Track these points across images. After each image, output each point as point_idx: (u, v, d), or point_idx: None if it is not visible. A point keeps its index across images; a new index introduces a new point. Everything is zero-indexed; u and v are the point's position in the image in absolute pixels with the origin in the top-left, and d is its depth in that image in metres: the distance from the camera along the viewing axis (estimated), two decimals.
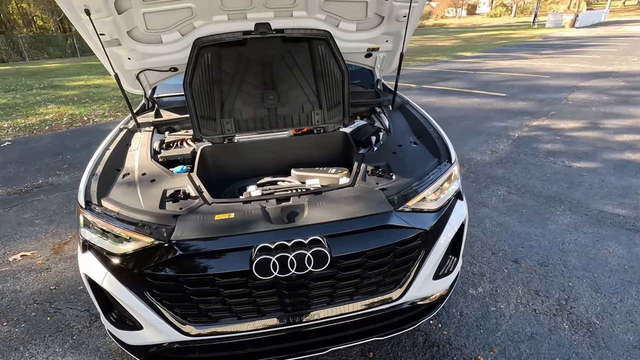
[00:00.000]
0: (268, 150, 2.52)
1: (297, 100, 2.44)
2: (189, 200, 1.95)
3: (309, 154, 2.58)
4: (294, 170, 2.42)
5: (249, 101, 2.39)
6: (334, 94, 2.45)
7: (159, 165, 2.23)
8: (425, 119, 2.68)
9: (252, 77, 2.32)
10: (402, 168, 2.16)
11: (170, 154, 2.38)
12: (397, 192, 1.97)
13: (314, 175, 2.36)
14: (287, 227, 1.72)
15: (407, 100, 3.07)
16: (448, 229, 2.03)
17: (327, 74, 2.38)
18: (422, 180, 2.05)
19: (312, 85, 2.42)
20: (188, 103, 2.27)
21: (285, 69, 2.34)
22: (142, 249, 1.73)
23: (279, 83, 2.37)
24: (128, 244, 1.78)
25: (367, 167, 2.17)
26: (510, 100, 8.50)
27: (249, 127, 2.46)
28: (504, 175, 4.71)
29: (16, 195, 4.91)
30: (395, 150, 2.34)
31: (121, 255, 1.76)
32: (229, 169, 2.52)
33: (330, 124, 2.54)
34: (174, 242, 1.67)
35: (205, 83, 2.27)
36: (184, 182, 2.08)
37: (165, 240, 1.69)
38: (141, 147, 2.48)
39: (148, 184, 2.08)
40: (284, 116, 2.48)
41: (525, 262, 3.10)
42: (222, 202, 1.93)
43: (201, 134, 2.39)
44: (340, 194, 1.96)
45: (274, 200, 1.94)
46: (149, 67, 2.66)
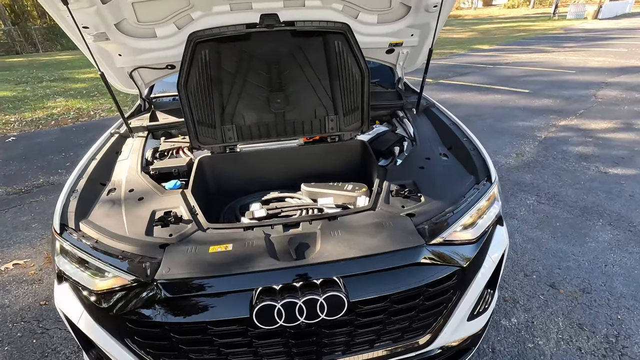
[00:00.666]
0: (275, 161, 2.21)
1: (309, 104, 2.12)
2: (180, 225, 1.65)
3: (322, 166, 2.26)
4: (304, 186, 2.11)
5: (253, 105, 2.07)
6: (352, 97, 2.11)
7: (149, 180, 1.94)
8: (456, 126, 2.33)
9: (256, 78, 2.00)
10: (431, 187, 1.83)
11: (163, 165, 2.09)
12: (428, 219, 1.64)
13: (328, 192, 2.04)
14: (295, 265, 1.42)
15: (432, 103, 2.71)
16: (487, 262, 1.69)
17: (344, 73, 2.05)
18: (457, 204, 1.71)
19: (326, 87, 2.09)
20: (183, 107, 1.97)
21: (295, 67, 2.01)
22: (121, 288, 1.45)
23: (288, 84, 2.04)
24: (107, 280, 1.49)
25: (390, 186, 1.84)
26: (534, 97, 8.00)
27: (252, 134, 2.15)
28: (532, 182, 4.32)
29: (15, 196, 4.72)
30: (422, 165, 2.00)
31: (99, 293, 1.49)
32: (230, 182, 2.21)
33: (347, 131, 2.21)
34: (158, 281, 1.38)
35: (203, 84, 1.96)
36: (176, 201, 1.79)
37: (148, 279, 1.40)
38: (132, 156, 2.19)
39: (135, 203, 1.79)
40: (293, 122, 2.16)
41: (564, 287, 2.74)
42: (219, 228, 1.64)
43: (199, 142, 2.09)
44: (359, 220, 1.64)
45: (281, 226, 1.63)
46: (142, 64, 2.36)
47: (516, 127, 6.17)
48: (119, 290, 1.45)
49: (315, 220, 1.67)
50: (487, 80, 9.85)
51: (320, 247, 1.48)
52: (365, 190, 2.00)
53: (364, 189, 2.01)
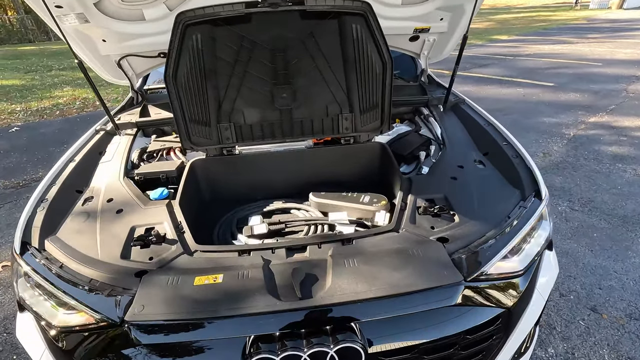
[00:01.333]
0: (279, 165, 1.91)
1: (320, 100, 1.80)
2: (163, 246, 1.37)
3: (334, 172, 1.95)
4: (313, 195, 1.80)
5: (255, 100, 1.77)
6: (371, 92, 1.79)
7: (132, 188, 1.66)
8: (493, 127, 1.99)
9: (258, 68, 1.69)
10: (467, 203, 1.51)
11: (150, 170, 1.80)
12: (465, 246, 1.33)
13: (341, 204, 1.73)
14: (300, 306, 1.12)
15: (462, 98, 2.36)
16: (537, 298, 1.38)
17: (362, 64, 1.72)
18: (500, 227, 1.39)
19: (340, 80, 1.77)
20: (172, 103, 1.67)
21: (305, 57, 1.69)
22: (85, 327, 1.18)
23: (296, 76, 1.73)
24: (71, 315, 1.23)
25: (416, 200, 1.53)
26: (560, 91, 7.50)
27: (254, 134, 1.85)
28: (563, 186, 3.94)
29: (12, 190, 4.53)
30: (454, 174, 1.67)
31: (61, 330, 1.22)
32: (227, 189, 1.92)
33: (363, 132, 1.89)
34: (129, 323, 1.10)
35: (195, 76, 1.66)
36: (160, 215, 1.50)
37: (117, 320, 1.12)
38: (115, 157, 1.91)
39: (112, 216, 1.52)
40: (301, 121, 1.85)
41: (607, 311, 2.40)
42: (209, 251, 1.35)
43: (191, 143, 1.79)
44: (379, 245, 1.34)
45: (283, 250, 1.34)
46: (131, 51, 2.06)
47: (542, 123, 5.74)
48: (83, 330, 1.18)
49: (326, 244, 1.37)
50: (508, 72, 9.33)
51: (331, 282, 1.18)
52: (385, 203, 1.69)
53: (383, 201, 1.70)
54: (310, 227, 1.68)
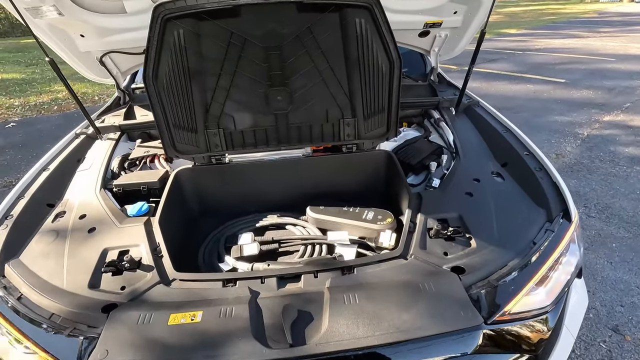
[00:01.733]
0: (273, 176, 1.72)
1: (319, 104, 1.61)
2: (138, 274, 1.20)
3: (334, 183, 1.76)
4: (310, 210, 1.62)
5: (246, 104, 1.58)
6: (376, 94, 1.60)
7: (107, 202, 1.49)
8: (511, 133, 1.79)
9: (250, 69, 1.51)
10: (485, 225, 1.33)
11: (129, 180, 1.63)
12: (484, 278, 1.15)
13: (341, 221, 1.55)
14: (290, 356, 0.95)
15: (476, 100, 2.16)
16: (565, 338, 1.20)
17: (366, 63, 1.53)
18: (524, 254, 1.21)
19: (342, 81, 1.57)
20: (153, 107, 1.49)
21: (302, 55, 1.50)
22: None
23: (292, 77, 1.54)
24: (29, 356, 1.06)
25: (427, 221, 1.34)
26: (572, 87, 7.23)
27: (246, 141, 1.67)
28: (577, 190, 3.73)
29: (4, 190, 4.39)
30: (470, 190, 1.48)
31: None
32: (215, 202, 1.74)
33: (367, 139, 1.70)
34: None
35: (179, 76, 1.47)
36: (137, 235, 1.33)
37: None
38: (94, 165, 1.73)
39: (84, 236, 1.35)
40: (298, 127, 1.66)
41: (630, 331, 2.21)
42: (189, 280, 1.18)
43: (176, 151, 1.61)
44: (384, 276, 1.17)
45: (274, 280, 1.17)
46: (114, 48, 1.88)
47: (554, 122, 5.50)
48: None
49: (323, 272, 1.19)
50: (517, 68, 9.04)
51: (328, 324, 1.01)
52: (391, 221, 1.51)
53: (389, 219, 1.52)
54: (307, 247, 1.50)
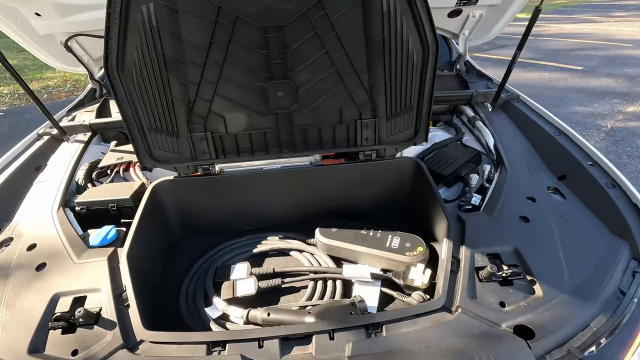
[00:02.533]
0: (274, 189, 1.40)
1: (332, 101, 1.28)
2: (95, 331, 0.91)
3: (348, 199, 1.44)
4: (320, 234, 1.31)
5: (240, 101, 1.25)
6: (404, 88, 1.26)
7: (66, 226, 1.18)
8: (567, 138, 1.46)
9: (244, 56, 1.17)
10: (551, 263, 1.02)
11: (95, 197, 1.31)
12: (561, 345, 0.84)
13: (359, 250, 1.24)
14: None
15: (515, 94, 1.82)
16: None
17: (393, 49, 1.19)
18: (612, 307, 0.90)
19: (361, 72, 1.24)
20: (121, 106, 1.16)
21: (311, 38, 1.16)
22: None
23: (298, 67, 1.20)
24: None
25: (473, 257, 1.03)
26: (590, 75, 6.82)
27: (240, 148, 1.34)
28: None
29: None
30: (525, 212, 1.17)
31: None
32: (203, 221, 1.43)
33: (390, 144, 1.37)
34: None
35: (152, 66, 1.14)
36: (98, 275, 1.03)
37: None
38: (55, 176, 1.41)
39: (30, 275, 1.04)
40: (304, 129, 1.33)
41: None
42: (162, 343, 0.88)
43: (153, 159, 1.29)
44: (423, 339, 0.86)
45: (276, 343, 0.87)
46: (79, 30, 1.53)
47: (574, 113, 5.14)
48: None
49: (340, 332, 0.89)
50: (530, 54, 8.59)
51: None
52: (423, 251, 1.19)
53: (420, 248, 1.20)
54: (317, 283, 1.19)
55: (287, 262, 1.33)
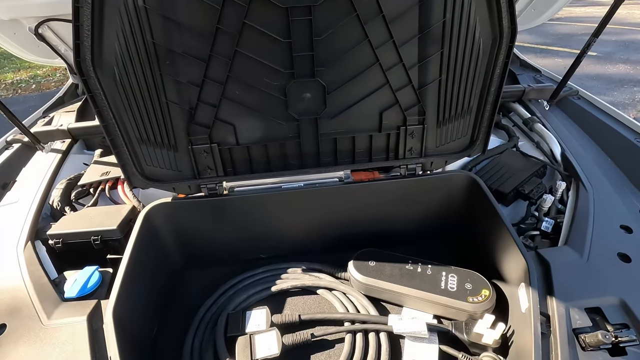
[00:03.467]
0: (295, 212, 1.13)
1: (370, 103, 1.00)
2: None
3: (387, 223, 1.18)
4: (354, 268, 1.05)
5: (255, 105, 0.97)
6: (463, 87, 0.99)
7: (34, 268, 0.92)
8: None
9: (259, 46, 0.88)
10: None
11: (73, 227, 1.04)
12: None
13: (407, 292, 0.98)
14: None
15: (574, 90, 1.55)
16: None
17: (455, 36, 0.91)
18: None
19: (410, 67, 0.96)
20: (100, 112, 0.89)
21: (350, 23, 0.88)
22: None
23: (331, 61, 0.92)
24: None
25: (569, 314, 0.78)
26: (606, 61, 6.52)
27: (253, 162, 1.07)
28: None
29: None
30: (623, 249, 0.91)
31: None
32: (208, 249, 1.17)
33: (439, 155, 1.10)
34: None
35: (139, 60, 0.86)
36: (74, 344, 0.77)
37: None
38: (23, 198, 1.14)
39: None
40: (334, 139, 1.06)
41: None
42: None
43: (146, 178, 1.02)
44: None
45: None
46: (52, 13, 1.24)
47: None
48: None
49: None
50: (541, 39, 8.25)
51: None
52: (490, 296, 0.94)
53: (485, 291, 0.95)
54: (356, 336, 0.94)
55: (314, 305, 1.07)
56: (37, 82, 7.41)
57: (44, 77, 7.78)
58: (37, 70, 8.26)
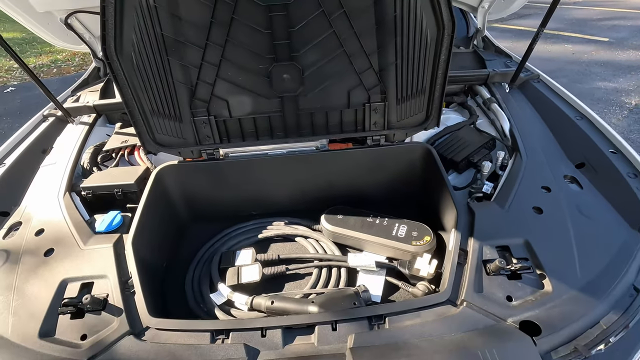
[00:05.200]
0: (280, 174, 1.38)
1: (339, 83, 1.22)
2: (103, 317, 0.93)
3: (355, 185, 1.41)
4: (326, 221, 1.29)
5: (244, 84, 1.20)
6: (416, 71, 1.19)
7: (72, 212, 1.19)
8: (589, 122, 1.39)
9: (247, 36, 1.11)
10: (564, 257, 0.99)
11: (100, 182, 1.31)
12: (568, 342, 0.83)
13: (365, 238, 1.22)
14: None
15: (535, 73, 1.72)
16: None
17: (405, 28, 1.11)
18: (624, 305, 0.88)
19: (371, 54, 1.17)
20: (122, 90, 1.13)
21: (318, 17, 1.09)
22: None
23: (304, 48, 1.14)
24: None
25: (482, 249, 1.00)
26: (617, 48, 6.45)
27: (244, 132, 1.31)
28: None
29: None
30: (539, 203, 1.12)
31: None
32: (208, 206, 1.43)
33: (399, 129, 1.32)
34: None
35: (152, 48, 1.10)
36: (104, 262, 1.04)
37: None
38: (60, 160, 1.41)
39: (39, 261, 1.06)
40: (310, 114, 1.28)
41: None
42: (167, 330, 0.89)
43: (157, 144, 1.27)
44: (426, 332, 0.86)
45: (279, 332, 0.87)
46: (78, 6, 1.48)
47: (597, 89, 4.89)
48: None
49: (343, 323, 0.88)
50: (553, 24, 8.10)
51: None
52: (430, 240, 1.17)
53: (427, 237, 1.18)
54: (322, 270, 1.19)
55: (292, 249, 1.32)
56: (58, 66, 7.75)
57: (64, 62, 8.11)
58: (58, 55, 8.59)
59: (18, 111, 5.49)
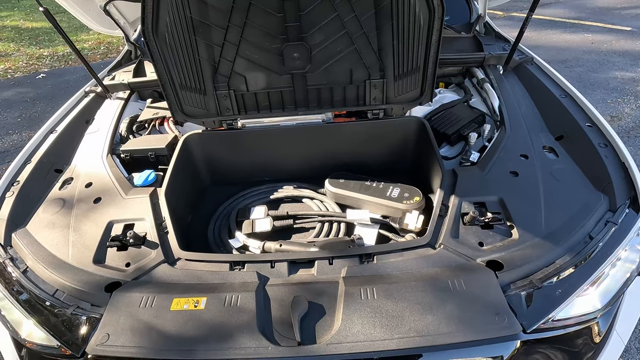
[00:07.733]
0: (290, 143, 1.56)
1: (342, 62, 1.39)
2: (142, 250, 1.14)
3: (357, 153, 1.58)
4: (329, 184, 1.47)
5: (259, 62, 1.38)
6: (410, 51, 1.35)
7: (114, 169, 1.41)
8: (572, 100, 1.51)
9: (261, 19, 1.29)
10: (531, 212, 1.15)
11: (136, 146, 1.52)
12: (525, 277, 1.00)
13: (362, 198, 1.40)
14: (298, 355, 0.87)
15: (529, 57, 1.83)
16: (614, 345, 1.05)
17: (400, 12, 1.27)
18: (578, 251, 1.04)
19: (370, 35, 1.33)
20: (156, 65, 1.34)
21: (324, 3, 1.26)
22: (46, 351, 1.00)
23: (311, 30, 1.31)
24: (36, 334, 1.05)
25: (461, 205, 1.17)
26: (638, 37, 6.31)
27: (259, 105, 1.49)
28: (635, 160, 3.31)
29: None
30: (516, 168, 1.27)
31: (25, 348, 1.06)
32: (227, 170, 1.63)
33: (397, 103, 1.48)
34: (89, 356, 0.91)
35: (182, 29, 1.29)
36: (142, 208, 1.25)
37: (77, 351, 0.93)
38: (102, 128, 1.64)
39: (89, 207, 1.28)
40: (318, 89, 1.46)
41: None
42: (194, 261, 1.10)
43: (184, 114, 1.48)
44: (407, 268, 1.04)
45: (285, 265, 1.07)
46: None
47: (613, 78, 4.86)
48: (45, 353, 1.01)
49: (338, 259, 1.07)
50: (574, 13, 7.96)
51: (341, 322, 0.91)
52: (419, 200, 1.34)
53: (416, 197, 1.35)
54: (324, 224, 1.38)
55: (299, 208, 1.51)
56: (85, 54, 8.10)
57: (90, 50, 8.46)
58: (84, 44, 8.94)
59: (50, 96, 5.83)
